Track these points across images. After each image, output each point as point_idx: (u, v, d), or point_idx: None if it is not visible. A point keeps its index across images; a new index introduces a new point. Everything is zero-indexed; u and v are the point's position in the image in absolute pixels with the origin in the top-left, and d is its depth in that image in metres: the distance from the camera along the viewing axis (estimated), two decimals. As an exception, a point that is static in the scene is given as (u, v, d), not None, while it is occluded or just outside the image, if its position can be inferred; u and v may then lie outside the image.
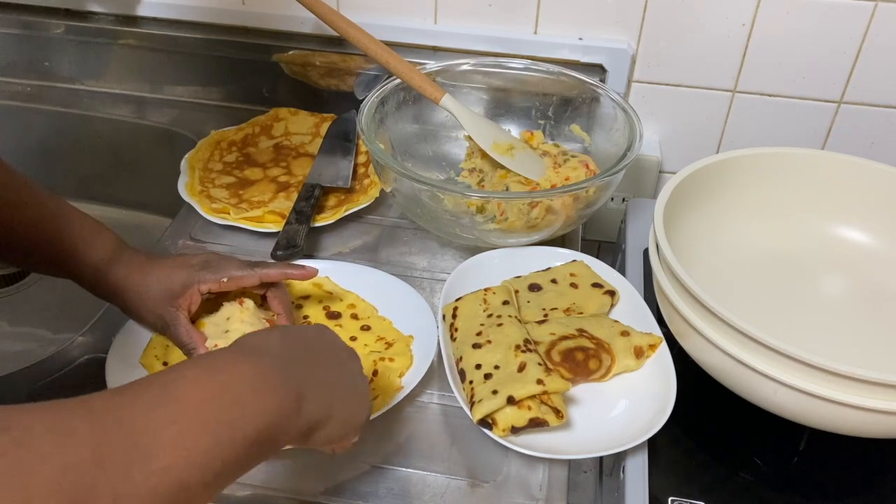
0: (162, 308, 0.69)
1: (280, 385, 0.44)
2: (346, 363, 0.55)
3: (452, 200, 0.82)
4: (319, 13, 0.85)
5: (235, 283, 0.70)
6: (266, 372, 0.44)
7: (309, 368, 0.48)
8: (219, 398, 0.41)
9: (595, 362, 0.71)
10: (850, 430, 0.64)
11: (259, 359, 0.45)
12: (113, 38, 1.12)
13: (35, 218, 0.68)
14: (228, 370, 0.43)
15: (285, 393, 0.45)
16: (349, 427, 0.53)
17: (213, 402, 0.41)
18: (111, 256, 0.70)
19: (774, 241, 0.84)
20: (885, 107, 1.00)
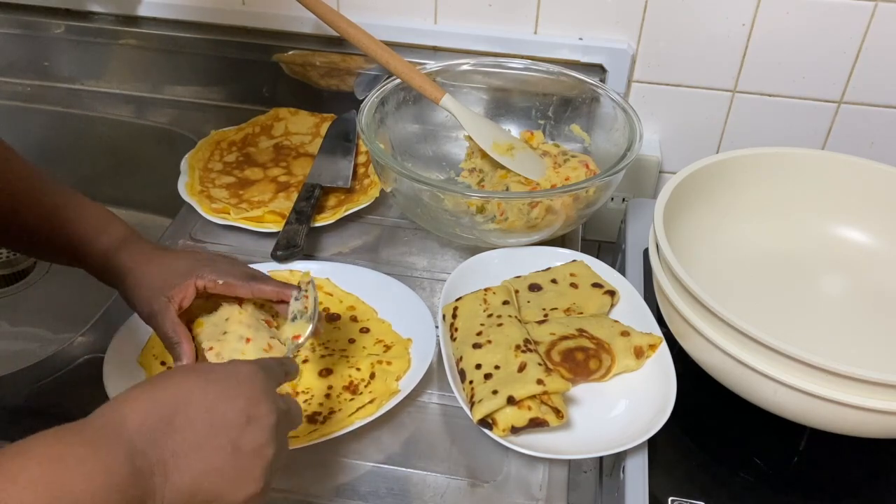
0: (155, 296, 0.66)
1: (127, 481, 0.42)
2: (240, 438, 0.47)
3: (452, 200, 0.82)
4: (319, 13, 0.85)
5: (229, 288, 0.68)
6: (115, 468, 0.42)
7: (175, 450, 0.45)
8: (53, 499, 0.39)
9: (595, 362, 0.71)
10: (850, 430, 0.64)
11: (112, 451, 0.42)
12: (113, 38, 1.12)
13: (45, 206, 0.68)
14: (73, 471, 0.40)
15: (134, 488, 0.42)
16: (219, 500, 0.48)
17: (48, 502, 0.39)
18: (119, 244, 0.70)
19: (774, 241, 0.84)
20: (885, 107, 1.00)
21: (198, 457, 0.46)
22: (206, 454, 0.46)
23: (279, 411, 0.50)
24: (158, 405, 0.46)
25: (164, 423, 0.45)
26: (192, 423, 0.46)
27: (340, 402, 0.69)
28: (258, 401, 0.49)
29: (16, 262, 1.06)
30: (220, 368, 0.51)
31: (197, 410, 0.46)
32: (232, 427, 0.47)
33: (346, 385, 0.71)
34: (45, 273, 1.06)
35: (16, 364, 0.73)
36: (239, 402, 0.48)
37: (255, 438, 0.48)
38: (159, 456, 0.44)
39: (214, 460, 0.46)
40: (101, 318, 0.77)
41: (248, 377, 0.50)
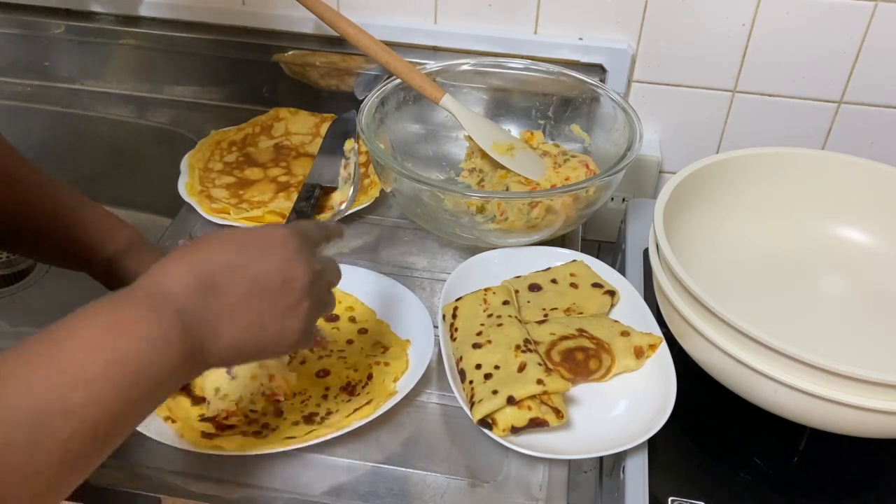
0: None
1: (179, 339, 0.46)
2: (277, 297, 0.51)
3: (452, 200, 0.82)
4: (319, 13, 0.85)
5: None
6: (167, 326, 0.45)
7: (219, 311, 0.48)
8: (123, 361, 0.43)
9: (595, 362, 0.71)
10: (850, 430, 0.64)
11: (161, 312, 0.46)
12: (113, 38, 1.12)
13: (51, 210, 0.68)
14: (131, 329, 0.44)
15: (185, 344, 0.46)
16: (269, 354, 0.54)
17: (119, 364, 0.42)
18: (125, 249, 0.69)
19: (774, 241, 0.84)
20: (885, 107, 1.00)
21: (239, 316, 0.49)
22: (247, 314, 0.49)
23: (314, 271, 0.53)
24: (198, 272, 0.48)
25: (205, 287, 0.48)
26: (231, 287, 0.49)
27: (338, 403, 0.69)
28: (292, 262, 0.52)
29: (16, 262, 1.06)
30: (254, 232, 0.53)
31: (235, 274, 0.49)
32: (268, 288, 0.50)
33: (344, 386, 0.71)
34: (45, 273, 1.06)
35: (16, 364, 0.73)
36: (273, 264, 0.51)
37: (292, 296, 0.52)
38: (204, 316, 0.48)
39: (255, 319, 0.50)
40: (101, 318, 0.77)
41: (282, 240, 0.52)
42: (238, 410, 0.67)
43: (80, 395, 0.40)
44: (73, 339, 0.42)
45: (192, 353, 0.47)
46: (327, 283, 0.57)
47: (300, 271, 0.52)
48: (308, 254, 0.54)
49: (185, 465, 0.64)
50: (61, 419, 0.39)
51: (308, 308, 0.53)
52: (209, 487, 0.63)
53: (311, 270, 0.53)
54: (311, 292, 0.53)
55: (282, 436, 0.65)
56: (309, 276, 0.53)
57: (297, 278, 0.52)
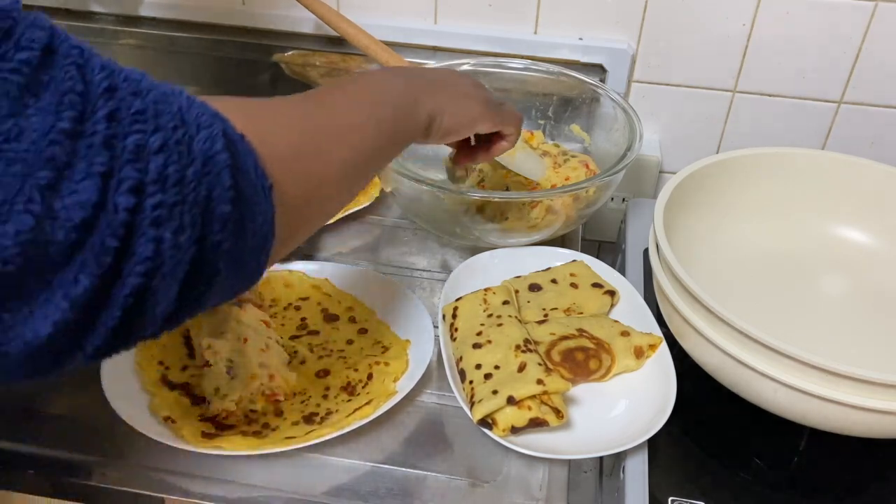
0: None
1: (404, 90, 0.61)
2: (458, 80, 0.68)
3: (452, 200, 0.82)
4: (319, 13, 0.85)
5: None
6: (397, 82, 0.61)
7: (424, 84, 0.64)
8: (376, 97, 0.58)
9: (595, 362, 0.71)
10: (850, 430, 0.64)
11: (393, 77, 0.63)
12: (113, 38, 1.12)
13: None
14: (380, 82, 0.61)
15: (408, 95, 0.60)
16: (462, 119, 0.66)
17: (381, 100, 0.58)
18: None
19: (774, 241, 0.84)
20: (885, 107, 1.00)
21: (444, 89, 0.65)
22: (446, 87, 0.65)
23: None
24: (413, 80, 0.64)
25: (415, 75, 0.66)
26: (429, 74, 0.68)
27: (338, 403, 0.69)
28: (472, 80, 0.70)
29: (16, 262, 1.06)
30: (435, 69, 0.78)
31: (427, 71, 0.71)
32: (464, 85, 0.68)
33: (344, 386, 0.71)
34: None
35: (16, 364, 0.73)
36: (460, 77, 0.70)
37: (479, 91, 0.69)
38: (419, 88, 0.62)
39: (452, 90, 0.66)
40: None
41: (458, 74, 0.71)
42: (238, 410, 0.67)
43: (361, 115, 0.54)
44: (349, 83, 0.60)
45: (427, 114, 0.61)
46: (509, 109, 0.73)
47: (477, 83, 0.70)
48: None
49: (185, 465, 0.64)
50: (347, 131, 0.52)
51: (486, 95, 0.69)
52: (209, 487, 0.63)
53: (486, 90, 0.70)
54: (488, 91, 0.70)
55: (282, 436, 0.65)
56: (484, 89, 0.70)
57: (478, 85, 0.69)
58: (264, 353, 0.69)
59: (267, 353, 0.70)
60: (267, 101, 0.49)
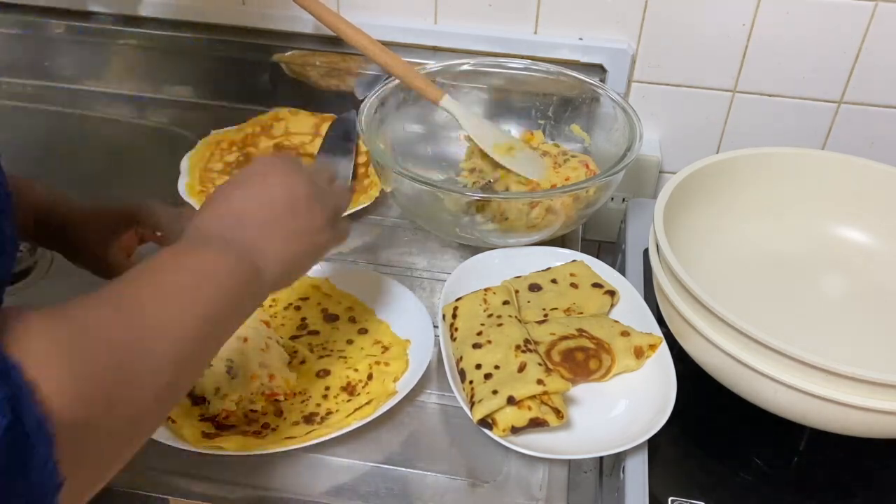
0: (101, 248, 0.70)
1: (237, 261, 0.52)
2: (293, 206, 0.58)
3: (452, 200, 0.82)
4: (318, 14, 0.85)
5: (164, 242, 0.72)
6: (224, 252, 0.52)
7: (255, 238, 0.55)
8: (201, 283, 0.49)
9: (595, 362, 0.71)
10: (850, 430, 0.64)
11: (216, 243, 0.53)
12: (113, 38, 1.12)
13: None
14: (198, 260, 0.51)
15: (243, 267, 0.53)
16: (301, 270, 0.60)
17: (199, 285, 0.49)
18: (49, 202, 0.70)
19: (774, 241, 0.84)
20: (885, 107, 1.00)
21: (272, 235, 0.56)
22: (277, 231, 0.56)
23: (307, 173, 0.60)
24: (223, 215, 0.56)
25: (235, 224, 0.55)
26: (254, 215, 0.56)
27: (338, 404, 0.69)
28: (288, 176, 0.58)
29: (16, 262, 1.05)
30: (246, 170, 0.59)
31: (251, 205, 0.56)
32: (281, 202, 0.57)
33: (344, 386, 0.71)
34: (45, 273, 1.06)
35: (16, 364, 0.72)
36: (275, 184, 0.58)
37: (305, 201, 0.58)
38: (245, 244, 0.54)
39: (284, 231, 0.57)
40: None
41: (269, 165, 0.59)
42: (238, 410, 0.67)
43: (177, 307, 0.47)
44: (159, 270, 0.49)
45: (252, 275, 0.53)
46: (328, 178, 0.63)
47: (299, 181, 0.58)
48: (297, 166, 0.60)
49: (185, 465, 0.64)
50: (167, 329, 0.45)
51: (322, 207, 0.59)
52: (210, 487, 0.63)
53: (307, 176, 0.59)
54: (316, 192, 0.59)
55: (282, 436, 0.65)
56: (307, 181, 0.59)
57: (299, 186, 0.58)
58: (264, 352, 0.69)
59: (267, 352, 0.70)
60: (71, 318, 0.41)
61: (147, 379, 0.43)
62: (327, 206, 0.60)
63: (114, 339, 0.42)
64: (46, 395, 0.35)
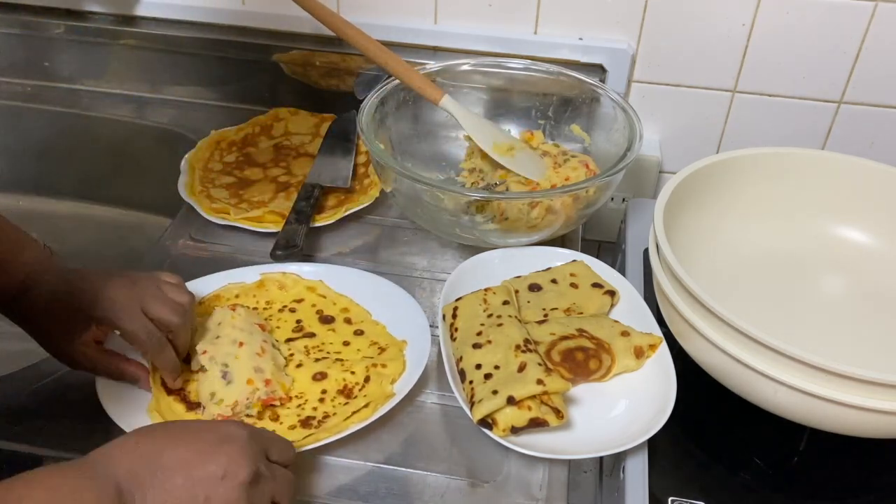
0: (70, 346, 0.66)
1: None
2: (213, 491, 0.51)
3: (452, 200, 0.82)
4: (317, 15, 0.85)
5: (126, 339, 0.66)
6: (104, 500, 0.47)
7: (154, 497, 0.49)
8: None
9: (595, 362, 0.71)
10: (850, 430, 0.64)
11: (104, 487, 0.47)
12: (113, 38, 1.12)
13: None
14: (69, 496, 0.46)
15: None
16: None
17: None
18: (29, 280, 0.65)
19: (774, 241, 0.84)
20: (885, 107, 1.00)
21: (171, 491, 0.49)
22: (180, 501, 0.50)
23: (259, 474, 0.53)
24: (144, 457, 0.50)
25: (147, 471, 0.49)
26: (172, 476, 0.50)
27: (335, 407, 0.69)
28: (237, 460, 0.52)
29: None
30: (209, 426, 0.54)
31: (178, 465, 0.50)
32: (207, 480, 0.50)
33: (341, 389, 0.70)
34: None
35: (16, 364, 0.73)
36: (218, 460, 0.51)
37: (228, 494, 0.51)
38: (141, 498, 0.49)
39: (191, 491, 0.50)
40: (100, 318, 0.77)
41: (232, 437, 0.53)
42: (234, 416, 0.67)
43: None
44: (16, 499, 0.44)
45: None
46: (271, 493, 0.54)
47: (242, 472, 0.52)
48: (257, 457, 0.53)
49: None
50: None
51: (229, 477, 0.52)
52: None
53: (253, 473, 0.52)
54: (246, 496, 0.52)
55: None
56: (249, 478, 0.52)
57: (237, 478, 0.51)
58: (260, 356, 0.69)
59: (262, 356, 0.69)
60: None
61: None
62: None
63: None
64: None
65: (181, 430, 0.53)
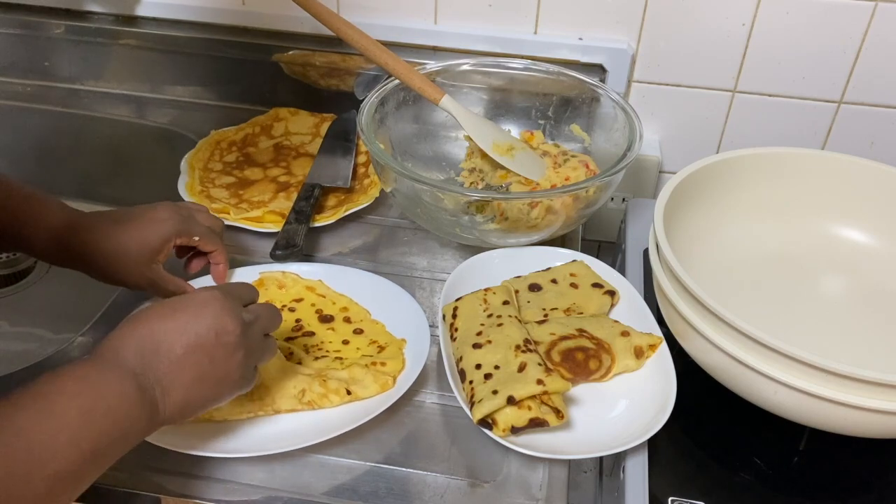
0: (144, 267, 0.72)
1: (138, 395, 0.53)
2: (213, 351, 0.57)
3: (452, 200, 0.82)
4: (317, 15, 0.85)
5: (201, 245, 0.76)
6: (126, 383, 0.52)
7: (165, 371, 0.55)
8: (94, 410, 0.50)
9: (595, 362, 0.71)
10: (850, 430, 0.64)
11: (122, 371, 0.53)
12: (113, 38, 1.12)
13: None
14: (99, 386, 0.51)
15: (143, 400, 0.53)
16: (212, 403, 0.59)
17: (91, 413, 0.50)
18: (69, 222, 0.72)
19: (774, 241, 0.84)
20: (885, 107, 1.00)
21: (182, 373, 0.55)
22: (189, 370, 0.56)
23: (244, 322, 0.59)
24: (143, 339, 0.55)
25: (151, 351, 0.55)
26: (172, 348, 0.55)
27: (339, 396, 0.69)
28: (221, 317, 0.57)
29: (16, 262, 1.06)
30: (185, 298, 0.59)
31: (173, 336, 0.55)
32: (204, 343, 0.56)
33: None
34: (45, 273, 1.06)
35: (16, 364, 0.73)
36: (206, 322, 0.57)
37: (226, 349, 0.57)
38: (154, 375, 0.54)
39: (196, 373, 0.56)
40: (101, 319, 0.77)
41: (208, 300, 0.58)
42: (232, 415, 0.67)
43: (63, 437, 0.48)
44: (54, 393, 0.49)
45: (150, 410, 0.54)
46: (261, 330, 0.61)
47: (230, 325, 0.57)
48: (236, 308, 0.59)
49: (185, 465, 0.64)
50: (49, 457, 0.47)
51: (243, 357, 0.58)
52: (209, 488, 0.63)
53: (240, 323, 0.58)
54: (242, 342, 0.58)
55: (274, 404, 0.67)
56: (239, 328, 0.58)
57: (228, 331, 0.57)
58: None
59: None
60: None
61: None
62: (250, 357, 0.59)
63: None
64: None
65: (164, 308, 0.57)
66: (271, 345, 0.64)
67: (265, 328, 0.62)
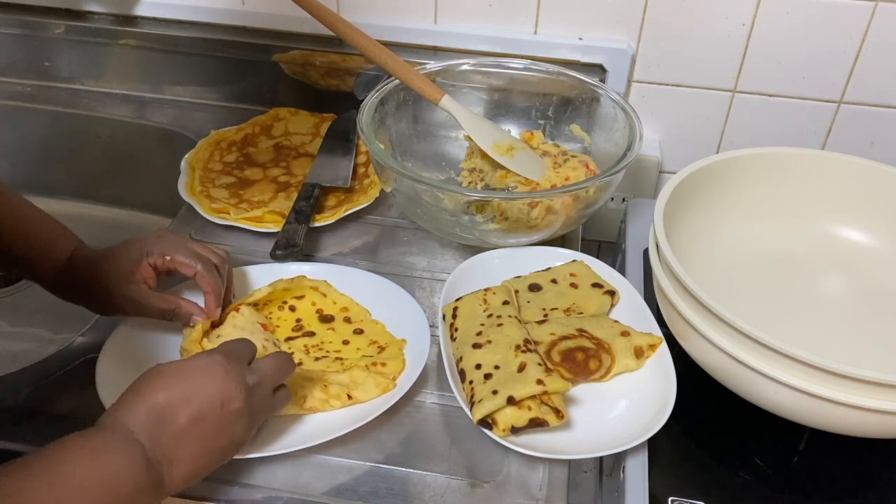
0: (125, 288, 0.70)
1: (145, 469, 0.52)
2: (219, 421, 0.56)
3: (452, 200, 0.82)
4: (318, 15, 0.85)
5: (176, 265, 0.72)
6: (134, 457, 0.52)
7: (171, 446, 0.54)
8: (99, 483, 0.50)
9: (595, 362, 0.71)
10: (850, 430, 0.64)
11: (129, 444, 0.53)
12: (113, 38, 1.12)
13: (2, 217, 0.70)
14: (105, 457, 0.51)
15: (150, 475, 0.53)
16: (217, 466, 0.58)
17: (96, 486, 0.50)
18: (72, 258, 0.71)
19: (774, 241, 0.84)
20: (885, 107, 1.00)
21: (188, 447, 0.55)
22: (194, 443, 0.55)
23: (248, 388, 0.58)
24: (150, 409, 0.54)
25: (157, 423, 0.54)
26: (177, 419, 0.55)
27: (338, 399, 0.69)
28: (225, 385, 0.57)
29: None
30: (188, 364, 0.58)
31: (178, 410, 0.55)
32: (208, 415, 0.56)
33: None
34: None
35: (16, 364, 0.73)
36: (209, 391, 0.56)
37: (231, 416, 0.57)
38: (162, 449, 0.54)
39: (202, 444, 0.56)
40: (100, 319, 0.77)
41: (211, 367, 0.57)
42: None
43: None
44: (64, 463, 0.49)
45: (155, 483, 0.53)
46: (269, 388, 0.61)
47: (234, 391, 0.57)
48: (241, 373, 0.59)
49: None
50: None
51: (248, 421, 0.58)
52: (209, 487, 0.63)
53: (244, 388, 0.58)
54: (247, 408, 0.58)
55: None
56: (243, 392, 0.58)
57: (233, 398, 0.57)
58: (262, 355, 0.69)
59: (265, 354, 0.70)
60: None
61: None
62: (255, 418, 0.59)
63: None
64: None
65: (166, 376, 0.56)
66: (283, 397, 0.63)
67: (274, 383, 0.62)
